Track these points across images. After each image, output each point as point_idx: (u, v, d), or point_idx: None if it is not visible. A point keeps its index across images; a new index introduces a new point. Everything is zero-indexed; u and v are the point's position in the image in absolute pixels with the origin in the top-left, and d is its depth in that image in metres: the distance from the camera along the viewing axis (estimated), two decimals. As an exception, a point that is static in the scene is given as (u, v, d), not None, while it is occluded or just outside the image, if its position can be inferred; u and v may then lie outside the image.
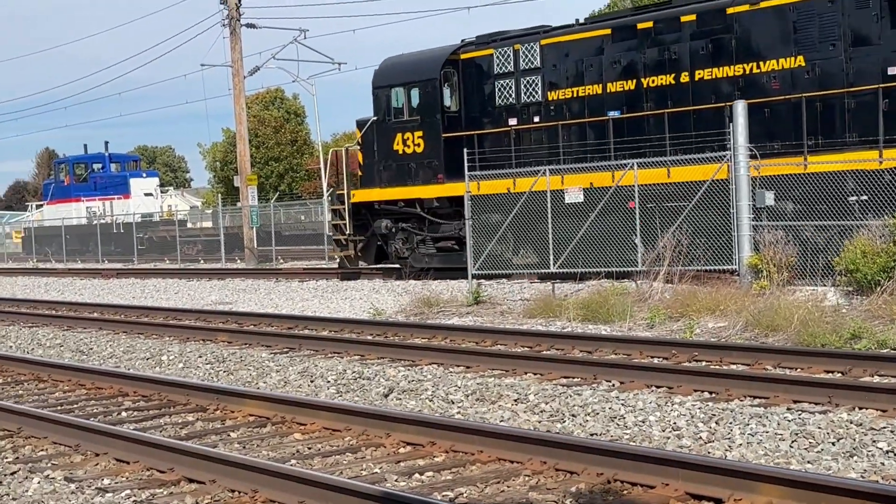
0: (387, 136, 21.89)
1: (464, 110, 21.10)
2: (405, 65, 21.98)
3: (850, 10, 15.89)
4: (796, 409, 8.32)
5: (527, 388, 9.61)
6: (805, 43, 16.43)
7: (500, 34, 20.96)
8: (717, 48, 17.45)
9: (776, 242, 14.64)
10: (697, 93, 17.70)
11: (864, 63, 15.76)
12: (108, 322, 17.68)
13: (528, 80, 20.00)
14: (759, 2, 16.97)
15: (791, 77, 16.63)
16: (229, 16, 33.22)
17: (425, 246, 21.71)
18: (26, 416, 8.97)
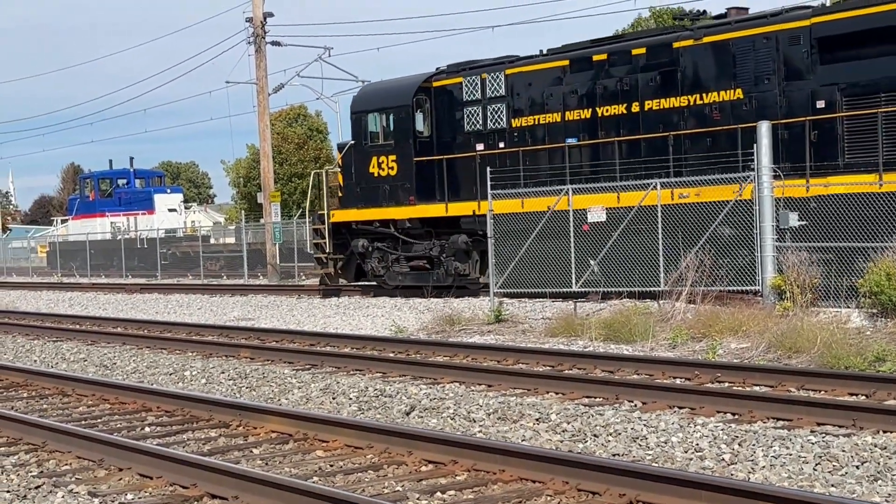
0: (363, 159, 22.90)
1: (435, 135, 22.04)
2: (381, 91, 23.14)
3: (784, 47, 16.84)
4: (820, 432, 8.28)
5: (549, 408, 9.61)
6: (743, 77, 17.40)
7: (469, 63, 21.98)
8: (665, 80, 18.39)
9: (800, 264, 14.59)
10: (647, 122, 18.60)
11: (796, 96, 16.76)
12: (131, 337, 17.78)
13: (493, 107, 21.01)
14: (702, 37, 17.92)
15: (731, 108, 17.55)
16: (255, 34, 33.43)
17: (399, 265, 22.68)
18: (51, 430, 9.04)
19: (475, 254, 21.31)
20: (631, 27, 47.22)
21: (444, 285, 21.85)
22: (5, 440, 9.29)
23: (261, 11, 33.47)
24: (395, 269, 22.81)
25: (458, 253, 21.61)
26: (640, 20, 47.24)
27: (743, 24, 17.65)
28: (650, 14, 46.44)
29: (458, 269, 21.64)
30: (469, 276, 21.45)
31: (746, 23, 17.66)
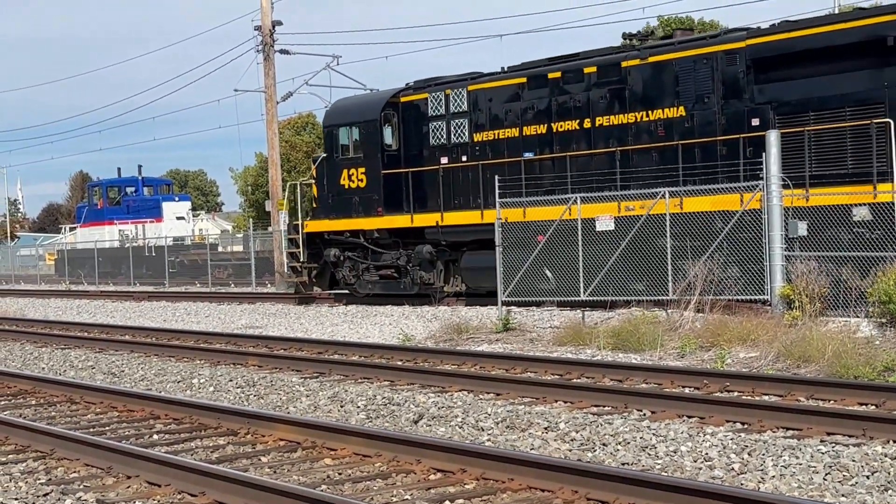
0: (335, 171, 23.75)
1: (403, 149, 22.82)
2: (351, 106, 24.08)
3: (722, 67, 17.76)
4: (830, 442, 8.25)
5: (557, 417, 9.58)
6: (685, 95, 18.29)
7: (435, 79, 22.83)
8: (614, 98, 19.30)
9: (808, 273, 14.56)
10: (598, 137, 19.48)
11: (733, 114, 17.63)
12: (139, 345, 17.79)
13: (456, 122, 21.85)
14: (647, 57, 18.79)
15: (673, 125, 18.44)
16: (263, 42, 33.51)
17: (369, 273, 23.56)
18: (59, 437, 9.04)
19: (439, 263, 22.18)
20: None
21: (412, 294, 22.63)
22: (14, 447, 9.30)
23: (269, 20, 33.56)
24: (366, 277, 23.63)
25: (423, 262, 22.37)
26: (648, 28, 47.21)
27: (685, 45, 18.49)
28: (658, 23, 46.44)
29: (424, 277, 22.39)
30: (434, 285, 22.21)
31: (688, 43, 18.52)
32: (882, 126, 15.50)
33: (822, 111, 16.43)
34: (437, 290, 22.21)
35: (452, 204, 21.72)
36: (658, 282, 16.60)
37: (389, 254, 23.06)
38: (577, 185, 18.96)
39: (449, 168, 21.77)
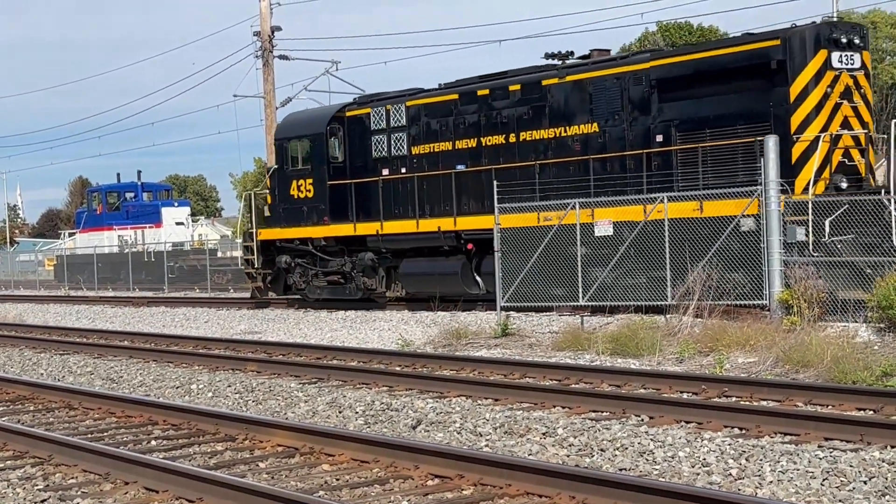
0: (285, 182, 24.99)
1: (348, 161, 23.94)
2: (301, 120, 25.28)
3: (630, 86, 18.88)
4: (828, 447, 8.25)
5: (555, 422, 9.59)
6: (598, 112, 19.43)
7: (378, 95, 24.18)
8: (536, 114, 20.45)
9: (807, 278, 14.57)
10: (521, 151, 20.60)
11: (640, 130, 18.80)
12: (138, 350, 17.79)
13: (396, 136, 23.00)
14: (565, 76, 19.95)
15: (588, 140, 19.60)
16: (262, 48, 33.53)
17: (318, 279, 24.66)
18: (57, 443, 9.05)
19: (381, 270, 23.40)
20: (638, 41, 47.27)
21: (357, 299, 23.79)
22: (11, 453, 9.30)
23: (268, 26, 33.59)
24: (315, 283, 24.75)
25: (366, 269, 23.57)
26: (647, 34, 47.27)
27: (598, 66, 19.71)
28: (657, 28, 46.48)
29: (367, 283, 23.59)
30: (376, 291, 23.48)
31: (600, 64, 19.73)
32: (766, 141, 16.08)
33: (716, 128, 17.59)
34: (380, 296, 23.51)
35: (393, 213, 22.83)
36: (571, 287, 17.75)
37: (336, 261, 24.17)
38: (502, 196, 19.77)
39: (388, 179, 22.93)
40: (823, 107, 16.86)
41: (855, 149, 16.94)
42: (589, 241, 17.74)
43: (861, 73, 17.31)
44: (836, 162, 16.71)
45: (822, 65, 16.91)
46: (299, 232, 24.60)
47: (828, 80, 16.90)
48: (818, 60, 16.91)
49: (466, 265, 21.47)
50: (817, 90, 16.89)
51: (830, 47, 16.94)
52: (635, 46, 47.11)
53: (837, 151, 16.74)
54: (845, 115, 17.02)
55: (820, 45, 16.92)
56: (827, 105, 16.91)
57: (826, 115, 16.89)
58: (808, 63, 16.87)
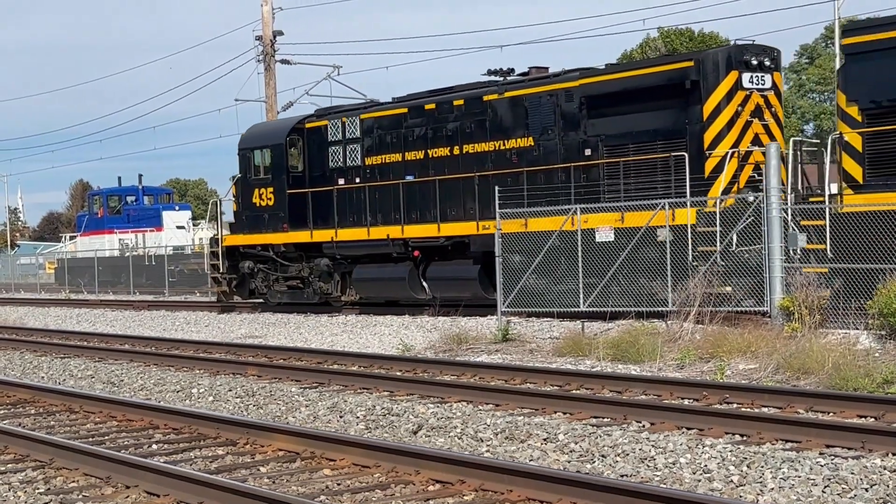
0: (248, 190, 26.19)
1: (307, 170, 25.05)
2: (262, 131, 26.54)
3: (562, 103, 19.94)
4: (829, 454, 8.25)
5: (556, 428, 9.59)
6: (533, 127, 20.51)
7: (335, 108, 25.78)
8: (478, 128, 21.57)
9: (808, 285, 14.57)
10: (465, 163, 21.71)
11: (570, 145, 19.88)
12: (139, 354, 17.79)
13: (351, 147, 24.16)
14: (504, 92, 21.07)
15: (524, 153, 20.67)
16: (264, 52, 33.56)
17: (278, 284, 25.85)
18: (58, 447, 9.04)
19: (336, 275, 24.48)
20: (639, 47, 47.33)
21: (314, 303, 24.89)
22: (12, 457, 9.30)
23: (270, 30, 33.62)
24: (276, 287, 25.96)
25: (322, 274, 24.75)
26: (648, 40, 47.33)
27: (533, 83, 20.80)
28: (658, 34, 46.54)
29: (323, 288, 24.76)
30: (332, 295, 24.59)
31: (536, 81, 20.82)
32: (680, 158, 17.75)
33: (639, 143, 18.73)
34: (336, 300, 24.61)
35: (347, 221, 23.88)
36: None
37: (295, 266, 25.31)
38: (446, 205, 21.68)
39: (343, 189, 24.09)
40: (734, 124, 17.92)
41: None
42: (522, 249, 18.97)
43: (772, 93, 18.36)
44: (746, 176, 17.72)
45: (734, 85, 17.95)
46: (261, 238, 25.77)
47: (739, 100, 17.95)
48: (729, 81, 17.96)
49: (413, 271, 22.54)
50: (728, 109, 17.95)
51: (741, 69, 17.98)
52: (636, 52, 47.18)
53: (748, 167, 17.75)
54: (756, 132, 18.04)
55: (731, 66, 17.98)
56: (738, 123, 17.96)
57: (737, 133, 17.93)
58: (719, 83, 17.94)
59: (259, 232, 25.77)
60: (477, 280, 21.04)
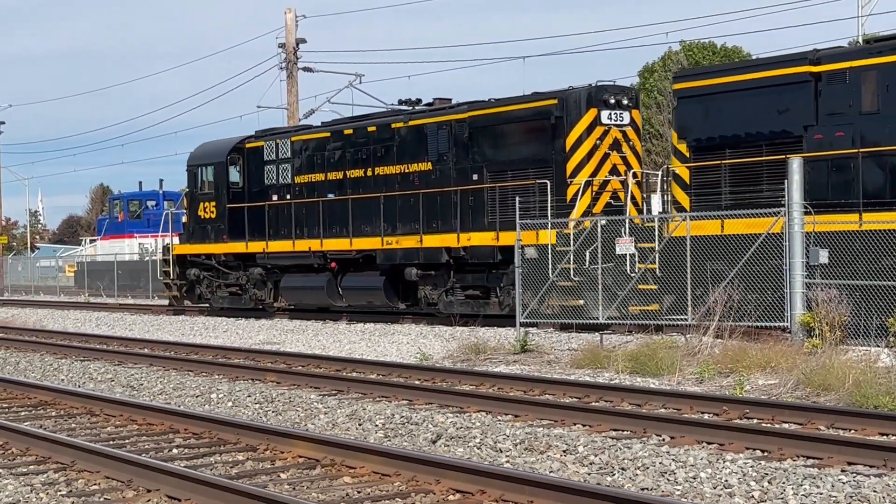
0: (195, 204, 28.68)
1: (247, 187, 27.48)
2: (207, 150, 28.81)
3: (455, 132, 22.40)
4: (851, 472, 8.22)
5: (576, 440, 9.58)
6: (432, 153, 22.85)
7: (271, 130, 28.10)
8: (387, 152, 23.94)
9: (829, 301, 14.52)
10: (376, 184, 24.07)
11: (462, 170, 22.32)
12: (158, 358, 17.86)
13: (283, 167, 26.56)
14: (409, 121, 23.49)
15: (424, 177, 23.02)
16: (287, 59, 33.71)
17: (220, 290, 28.28)
18: (80, 449, 9.09)
19: (269, 283, 26.91)
20: (661, 60, 47.27)
21: (251, 308, 27.26)
22: (34, 458, 9.36)
23: (294, 38, 33.78)
24: (218, 293, 28.31)
25: (256, 282, 27.26)
26: (669, 53, 47.27)
27: (432, 113, 23.30)
28: (680, 48, 46.48)
29: (258, 295, 27.22)
30: (265, 301, 27.08)
31: (434, 112, 23.32)
32: (543, 185, 20.16)
33: (515, 170, 21.10)
34: (269, 306, 27.08)
35: (277, 234, 26.29)
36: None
37: (234, 274, 27.79)
38: (358, 222, 24.16)
39: (274, 204, 26.52)
40: (593, 156, 20.27)
41: (622, 192, 20.24)
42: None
43: (630, 128, 20.73)
44: (604, 202, 20.19)
45: (593, 121, 20.30)
46: (205, 248, 28.33)
47: (598, 134, 20.31)
48: (589, 117, 20.34)
49: (332, 281, 25.01)
50: (588, 142, 20.31)
51: (600, 106, 20.34)
52: (658, 66, 47.11)
53: (606, 194, 20.21)
54: (614, 163, 20.37)
55: (591, 104, 20.36)
56: (596, 154, 20.31)
57: (595, 163, 20.30)
58: (580, 119, 20.35)
59: (204, 242, 28.31)
60: (382, 290, 23.53)
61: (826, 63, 16.90)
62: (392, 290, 23.52)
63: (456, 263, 22.18)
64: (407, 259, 23.00)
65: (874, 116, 16.26)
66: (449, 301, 22.42)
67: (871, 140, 16.27)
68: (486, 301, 21.78)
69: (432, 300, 22.85)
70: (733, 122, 17.72)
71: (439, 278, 22.68)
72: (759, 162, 17.41)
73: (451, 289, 22.42)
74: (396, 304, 23.53)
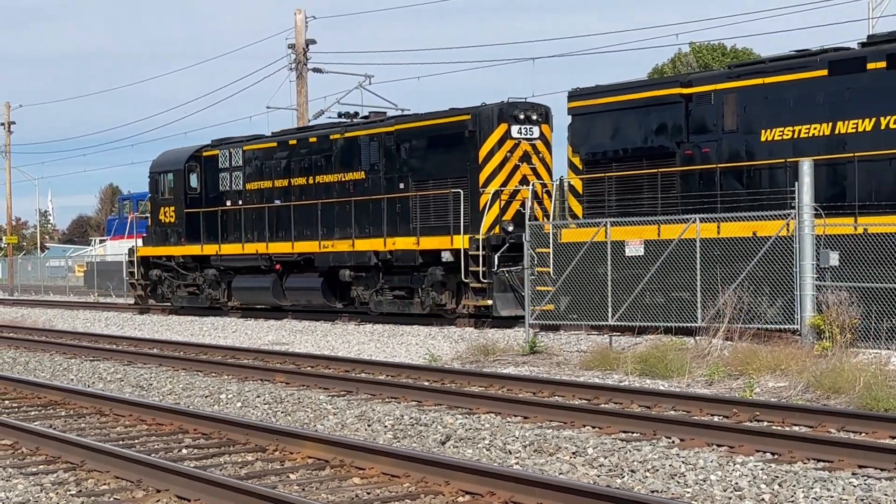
0: (157, 209, 30.38)
1: (204, 193, 29.02)
2: (168, 158, 30.39)
3: (384, 143, 23.93)
4: (861, 475, 8.19)
5: (585, 441, 9.56)
6: (365, 163, 24.45)
7: (226, 139, 29.31)
8: (326, 162, 25.53)
9: (840, 303, 14.48)
10: (317, 191, 25.68)
11: (391, 179, 23.81)
12: (167, 358, 17.88)
13: (235, 174, 28.20)
14: (345, 133, 25.06)
15: (358, 185, 24.66)
16: (297, 60, 33.71)
17: (180, 290, 29.79)
18: (89, 449, 9.10)
19: (223, 284, 28.37)
20: (671, 62, 47.23)
21: (206, 307, 28.65)
22: (44, 458, 9.37)
23: (303, 38, 33.78)
24: (178, 293, 29.79)
25: (211, 283, 28.66)
26: (679, 55, 47.23)
27: (366, 126, 24.93)
28: (690, 49, 46.43)
29: (212, 295, 28.71)
30: (220, 300, 28.59)
31: (367, 125, 24.97)
32: (456, 194, 21.85)
33: (436, 180, 22.64)
34: (223, 305, 28.52)
35: (230, 238, 27.95)
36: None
37: (191, 275, 29.32)
38: (299, 227, 25.69)
39: (226, 209, 28.19)
40: (504, 167, 21.78)
41: (532, 200, 21.20)
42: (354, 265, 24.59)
43: (539, 142, 22.25)
44: (513, 210, 21.70)
45: (503, 135, 21.79)
46: (165, 250, 29.96)
47: (508, 147, 21.79)
48: (499, 132, 21.80)
49: (277, 282, 26.47)
50: (498, 154, 21.80)
51: (511, 122, 21.85)
52: (667, 67, 47.07)
53: (515, 202, 21.67)
54: (524, 174, 21.82)
55: (502, 119, 21.82)
56: (507, 166, 21.80)
57: (506, 174, 21.81)
58: (492, 133, 21.80)
59: (164, 245, 30.01)
60: (320, 290, 25.10)
61: (696, 85, 18.50)
62: (329, 290, 25.14)
63: (384, 266, 23.70)
64: (341, 262, 24.55)
65: (734, 134, 17.82)
66: (379, 301, 23.92)
67: (731, 155, 17.86)
68: (411, 301, 23.24)
69: (364, 300, 24.39)
70: (618, 138, 19.39)
71: (370, 279, 24.23)
72: (639, 175, 19.00)
73: (381, 289, 23.93)
74: (334, 303, 25.21)
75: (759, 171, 17.45)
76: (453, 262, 21.76)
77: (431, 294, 22.44)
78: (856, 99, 16.33)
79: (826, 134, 16.66)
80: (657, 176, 18.46)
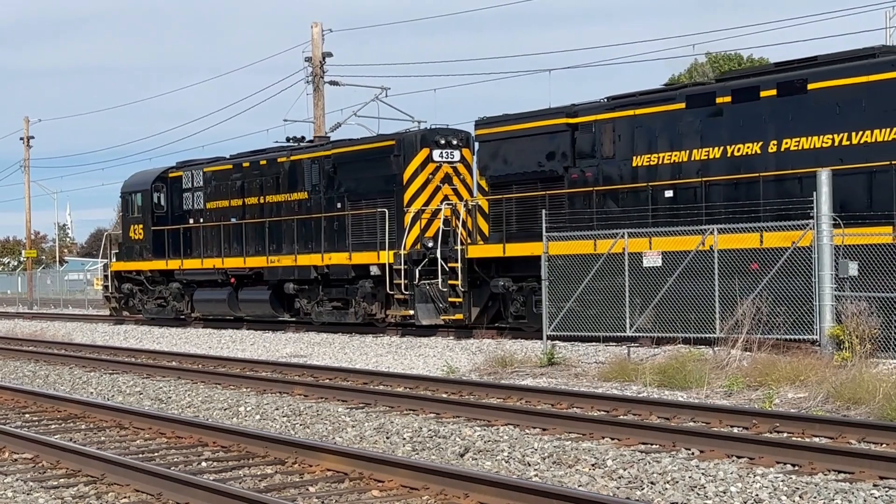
0: (128, 226, 32.88)
1: (170, 211, 31.41)
2: (137, 179, 32.97)
3: (323, 166, 26.33)
4: (883, 486, 8.15)
5: (604, 453, 9.54)
6: (307, 184, 26.80)
7: (189, 161, 31.98)
8: (274, 183, 27.96)
9: (860, 314, 14.41)
10: (267, 210, 28.11)
11: (329, 199, 26.17)
12: (186, 371, 17.92)
13: (197, 194, 30.65)
14: (290, 156, 27.47)
15: (302, 205, 26.90)
16: (313, 73, 33.79)
17: (149, 302, 32.24)
18: (109, 462, 9.12)
19: (186, 296, 30.76)
20: (687, 72, 47.17)
21: (172, 318, 31.09)
22: (64, 471, 9.41)
23: (320, 51, 33.88)
24: (147, 305, 32.22)
25: (175, 296, 31.12)
26: (696, 65, 47.17)
27: (308, 149, 27.37)
28: (706, 59, 46.36)
29: (177, 306, 31.13)
30: (184, 312, 31.02)
31: (309, 148, 27.51)
32: (382, 213, 24.12)
33: (367, 199, 24.92)
34: (187, 316, 30.95)
35: (191, 254, 30.27)
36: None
37: (158, 288, 31.75)
38: (252, 244, 28.12)
39: (188, 227, 30.53)
40: (426, 188, 24.05)
41: (453, 218, 23.53)
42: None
43: (460, 164, 24.52)
44: (435, 228, 23.68)
45: (425, 159, 24.11)
46: (135, 265, 32.33)
47: (430, 170, 24.08)
48: (422, 156, 24.14)
49: (232, 294, 28.76)
50: (421, 176, 24.10)
51: (432, 146, 24.14)
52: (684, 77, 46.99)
53: (437, 221, 23.62)
54: (446, 194, 24.02)
55: (424, 144, 24.15)
56: (429, 187, 24.06)
57: (428, 194, 24.08)
58: (414, 157, 24.09)
59: (134, 260, 32.37)
60: (269, 302, 27.47)
61: (580, 115, 20.69)
62: (278, 301, 27.51)
63: (323, 279, 25.85)
64: (286, 275, 26.81)
65: (611, 160, 20.14)
66: (319, 311, 26.10)
67: (608, 179, 20.18)
68: (346, 311, 25.40)
69: (307, 311, 26.57)
70: (517, 163, 21.69)
71: (312, 292, 26.37)
72: (533, 196, 21.21)
73: (321, 301, 26.05)
74: (282, 314, 27.66)
75: (629, 193, 19.74)
76: (380, 276, 23.93)
77: (363, 305, 24.71)
78: (708, 128, 18.63)
79: (684, 160, 18.95)
80: (546, 198, 20.75)
